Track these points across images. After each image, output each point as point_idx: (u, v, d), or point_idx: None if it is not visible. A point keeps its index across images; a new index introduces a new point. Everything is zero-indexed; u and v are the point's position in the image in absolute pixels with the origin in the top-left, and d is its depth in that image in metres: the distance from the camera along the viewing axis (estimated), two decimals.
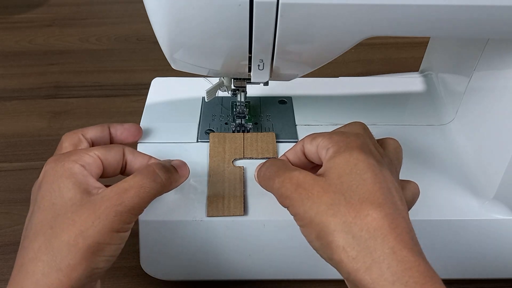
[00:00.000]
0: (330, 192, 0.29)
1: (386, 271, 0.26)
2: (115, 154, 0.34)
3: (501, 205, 0.39)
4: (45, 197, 0.30)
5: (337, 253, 0.28)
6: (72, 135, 0.37)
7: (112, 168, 0.34)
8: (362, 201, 0.28)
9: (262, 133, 0.44)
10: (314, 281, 0.43)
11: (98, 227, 0.29)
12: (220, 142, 0.42)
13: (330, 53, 0.34)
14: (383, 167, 0.30)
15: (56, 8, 0.86)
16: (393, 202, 0.29)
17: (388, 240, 0.27)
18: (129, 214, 0.31)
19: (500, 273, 0.42)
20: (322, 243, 0.29)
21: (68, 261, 0.29)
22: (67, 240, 0.29)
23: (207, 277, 0.41)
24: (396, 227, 0.27)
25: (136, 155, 0.36)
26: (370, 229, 0.27)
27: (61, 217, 0.30)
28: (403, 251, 0.27)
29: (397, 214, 0.28)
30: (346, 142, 0.31)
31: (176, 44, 0.33)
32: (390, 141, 0.35)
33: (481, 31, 0.33)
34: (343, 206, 0.28)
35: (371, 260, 0.27)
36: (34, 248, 0.29)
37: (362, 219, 0.28)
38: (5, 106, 0.63)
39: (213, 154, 0.42)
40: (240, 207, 0.38)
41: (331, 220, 0.28)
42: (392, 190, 0.30)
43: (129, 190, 0.31)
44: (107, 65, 0.71)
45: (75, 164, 0.31)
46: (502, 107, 0.38)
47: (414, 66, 0.56)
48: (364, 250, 0.27)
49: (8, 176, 0.53)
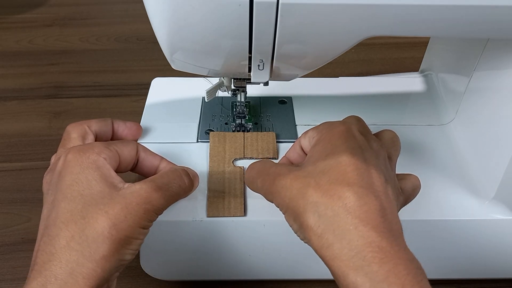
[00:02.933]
0: (301, 178, 0.30)
1: (346, 245, 0.27)
2: (130, 150, 0.35)
3: (501, 205, 0.39)
4: (72, 187, 0.30)
5: (307, 232, 0.29)
6: (78, 126, 0.37)
7: (126, 163, 0.35)
8: (331, 182, 0.29)
9: (262, 133, 0.44)
10: (314, 281, 0.43)
11: (129, 221, 0.30)
12: (220, 142, 0.42)
13: (330, 53, 0.34)
14: (366, 151, 0.31)
15: (56, 8, 0.86)
16: (369, 182, 0.29)
17: (352, 217, 0.27)
18: (154, 214, 0.32)
19: (500, 273, 0.42)
20: (297, 225, 0.30)
21: (102, 252, 0.29)
22: (101, 231, 0.29)
23: (207, 277, 0.41)
24: (363, 205, 0.28)
25: (148, 154, 0.37)
26: (335, 207, 0.28)
27: (93, 208, 0.30)
28: (365, 227, 0.27)
29: (369, 193, 0.28)
30: (328, 129, 0.33)
31: (176, 44, 0.33)
32: (386, 132, 0.36)
33: (481, 31, 0.33)
34: (311, 188, 0.29)
35: (333, 236, 0.27)
36: (67, 237, 0.29)
37: (328, 198, 0.28)
38: (5, 106, 0.63)
39: (213, 153, 0.41)
40: (240, 208, 0.38)
41: (301, 202, 0.29)
42: (372, 172, 0.30)
43: (157, 191, 0.32)
44: (107, 65, 0.71)
45: (99, 156, 0.32)
46: (502, 107, 0.38)
47: (414, 66, 0.56)
48: (327, 227, 0.28)
49: (8, 176, 0.53)
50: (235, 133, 0.43)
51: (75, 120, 0.61)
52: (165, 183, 0.33)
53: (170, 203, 0.33)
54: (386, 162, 0.33)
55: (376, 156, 0.32)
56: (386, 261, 0.26)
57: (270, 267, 0.40)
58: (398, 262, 0.26)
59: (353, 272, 0.26)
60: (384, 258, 0.26)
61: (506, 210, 0.39)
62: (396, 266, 0.26)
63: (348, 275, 0.26)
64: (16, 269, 0.44)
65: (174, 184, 0.33)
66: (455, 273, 0.42)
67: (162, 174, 0.34)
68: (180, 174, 0.34)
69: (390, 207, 0.29)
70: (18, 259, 0.45)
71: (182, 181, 0.34)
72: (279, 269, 0.41)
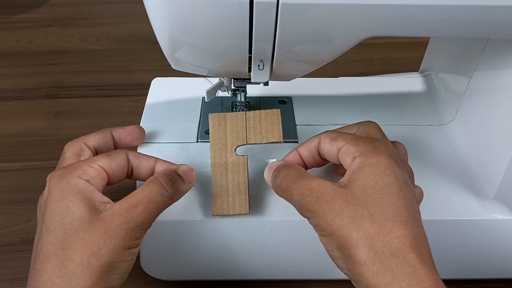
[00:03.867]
0: (352, 205, 0.29)
1: (405, 286, 0.26)
2: (119, 161, 0.34)
3: (501, 205, 0.39)
4: (53, 217, 0.30)
5: (358, 267, 0.28)
6: (73, 145, 0.36)
7: (117, 176, 0.34)
8: (386, 217, 0.28)
9: (266, 111, 0.40)
10: (314, 281, 0.43)
11: (110, 246, 0.29)
12: (221, 126, 0.39)
13: (330, 53, 0.34)
14: (407, 182, 0.30)
15: (56, 8, 0.86)
16: (416, 219, 0.29)
17: (410, 259, 0.27)
18: (139, 230, 0.31)
19: (500, 273, 0.42)
20: (343, 255, 0.29)
21: (83, 283, 0.28)
22: (80, 261, 0.29)
23: (207, 277, 0.41)
24: (417, 246, 0.28)
25: (141, 158, 0.35)
26: (392, 246, 0.27)
27: (72, 237, 0.29)
28: (423, 270, 0.27)
29: (419, 232, 0.28)
30: (374, 152, 0.30)
31: (176, 44, 0.33)
32: (400, 146, 0.35)
33: (481, 31, 0.33)
34: (366, 220, 0.28)
35: (392, 276, 0.27)
36: (47, 270, 0.29)
37: (385, 235, 0.28)
38: (5, 106, 0.63)
39: (214, 141, 0.39)
40: (245, 205, 0.37)
41: (354, 234, 0.28)
42: (415, 205, 0.30)
43: (137, 206, 0.31)
44: (107, 65, 0.72)
45: (80, 180, 0.31)
46: (503, 107, 0.38)
47: (414, 66, 0.56)
48: (385, 266, 0.27)
49: (8, 176, 0.53)
50: (236, 113, 0.40)
51: (75, 120, 0.61)
52: (145, 196, 0.31)
53: (156, 214, 0.32)
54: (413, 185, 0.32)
55: (411, 185, 0.31)
56: None
57: (270, 267, 0.40)
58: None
59: None
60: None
61: (506, 210, 0.39)
62: None
63: None
64: (16, 269, 0.44)
65: (154, 195, 0.31)
66: (455, 273, 0.42)
67: (142, 187, 0.32)
68: (159, 183, 0.32)
69: (427, 240, 0.29)
70: (18, 259, 0.45)
71: (163, 189, 0.32)
72: (279, 269, 0.41)
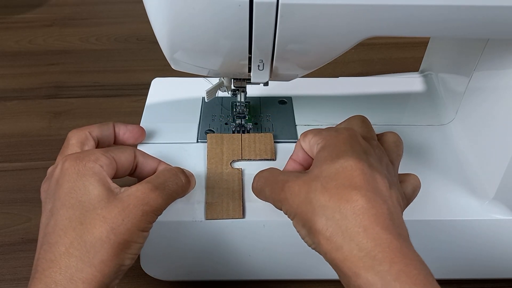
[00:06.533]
0: (308, 182, 0.30)
1: (355, 247, 0.27)
2: (128, 156, 0.35)
3: (501, 205, 0.39)
4: (70, 195, 0.31)
5: (316, 236, 0.29)
6: (79, 133, 0.37)
7: (123, 170, 0.35)
8: (338, 186, 0.29)
9: (260, 134, 0.44)
10: (314, 281, 0.43)
11: (127, 225, 0.30)
12: (218, 144, 0.42)
13: (330, 53, 0.34)
14: (370, 156, 0.31)
15: (56, 8, 0.86)
16: (375, 187, 0.29)
17: (361, 219, 0.28)
18: (153, 215, 0.32)
19: (500, 273, 0.42)
20: (306, 230, 0.30)
21: (101, 256, 0.29)
22: (100, 235, 0.29)
23: (207, 277, 0.41)
24: (372, 208, 0.28)
25: (147, 158, 0.36)
26: (343, 210, 0.28)
27: (91, 213, 0.30)
28: (375, 229, 0.27)
29: (376, 198, 0.29)
30: (333, 135, 0.33)
31: (176, 45, 0.33)
32: (389, 135, 0.36)
33: (481, 31, 0.33)
34: (318, 192, 0.29)
35: (342, 238, 0.27)
36: (66, 243, 0.29)
37: (335, 202, 0.28)
38: (5, 106, 0.63)
39: (211, 155, 0.41)
40: (239, 210, 0.38)
41: (309, 207, 0.29)
42: (377, 177, 0.30)
43: (154, 191, 0.32)
44: (107, 65, 0.72)
45: (95, 164, 0.32)
46: (503, 107, 0.38)
47: (414, 66, 0.56)
48: (336, 230, 0.28)
49: (8, 176, 0.53)
50: (232, 135, 0.43)
51: (75, 120, 0.61)
52: (161, 183, 0.33)
53: (169, 202, 0.33)
54: (389, 167, 0.33)
55: (379, 161, 0.32)
56: (397, 261, 0.26)
57: (270, 267, 0.40)
58: (409, 263, 0.26)
59: (364, 271, 0.26)
60: (394, 258, 0.26)
61: (506, 210, 0.39)
62: (407, 266, 0.26)
63: (360, 275, 0.26)
64: (16, 269, 0.44)
65: (170, 182, 0.33)
66: (455, 273, 0.42)
67: (157, 174, 0.34)
68: (175, 172, 0.34)
69: (396, 212, 0.29)
70: (18, 259, 0.45)
71: (179, 178, 0.34)
72: (279, 269, 0.41)
